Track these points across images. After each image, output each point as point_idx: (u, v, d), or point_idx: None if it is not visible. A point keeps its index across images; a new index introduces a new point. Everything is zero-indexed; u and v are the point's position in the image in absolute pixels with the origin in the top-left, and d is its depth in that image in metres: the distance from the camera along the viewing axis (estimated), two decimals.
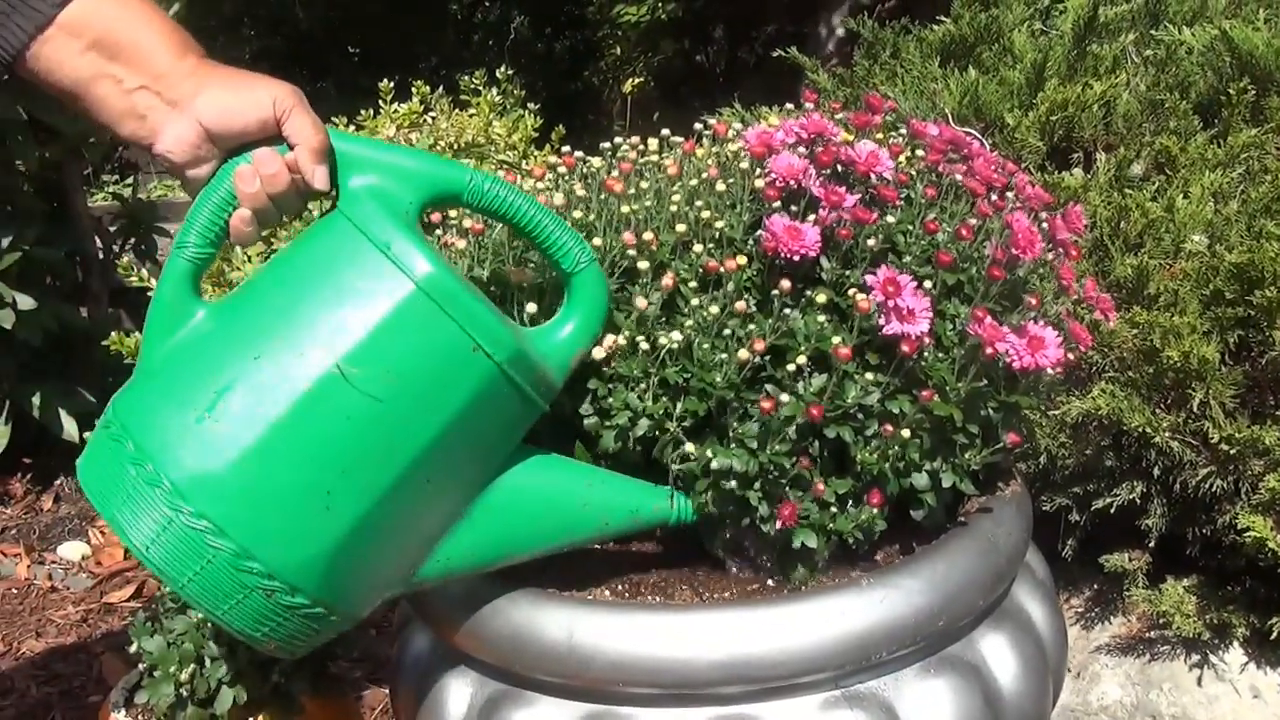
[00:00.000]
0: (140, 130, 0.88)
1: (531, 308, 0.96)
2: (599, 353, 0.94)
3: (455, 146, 2.29)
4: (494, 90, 2.54)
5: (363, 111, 2.41)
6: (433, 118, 2.41)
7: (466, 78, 2.60)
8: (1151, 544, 1.35)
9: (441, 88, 2.55)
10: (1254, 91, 1.53)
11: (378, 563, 0.90)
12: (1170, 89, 1.62)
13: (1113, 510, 1.33)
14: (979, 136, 1.31)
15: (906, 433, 0.95)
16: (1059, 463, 1.36)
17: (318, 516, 0.85)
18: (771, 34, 4.29)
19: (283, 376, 0.84)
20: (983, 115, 1.63)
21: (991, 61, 1.75)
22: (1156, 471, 1.30)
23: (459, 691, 1.00)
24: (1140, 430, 1.26)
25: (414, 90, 2.46)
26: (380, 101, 2.42)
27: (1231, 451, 1.24)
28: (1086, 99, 1.58)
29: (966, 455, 0.99)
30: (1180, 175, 1.48)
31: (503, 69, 2.63)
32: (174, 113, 0.87)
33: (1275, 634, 1.26)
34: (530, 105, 2.57)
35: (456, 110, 2.48)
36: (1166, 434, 1.26)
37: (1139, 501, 1.33)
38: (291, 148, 0.89)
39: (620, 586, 1.02)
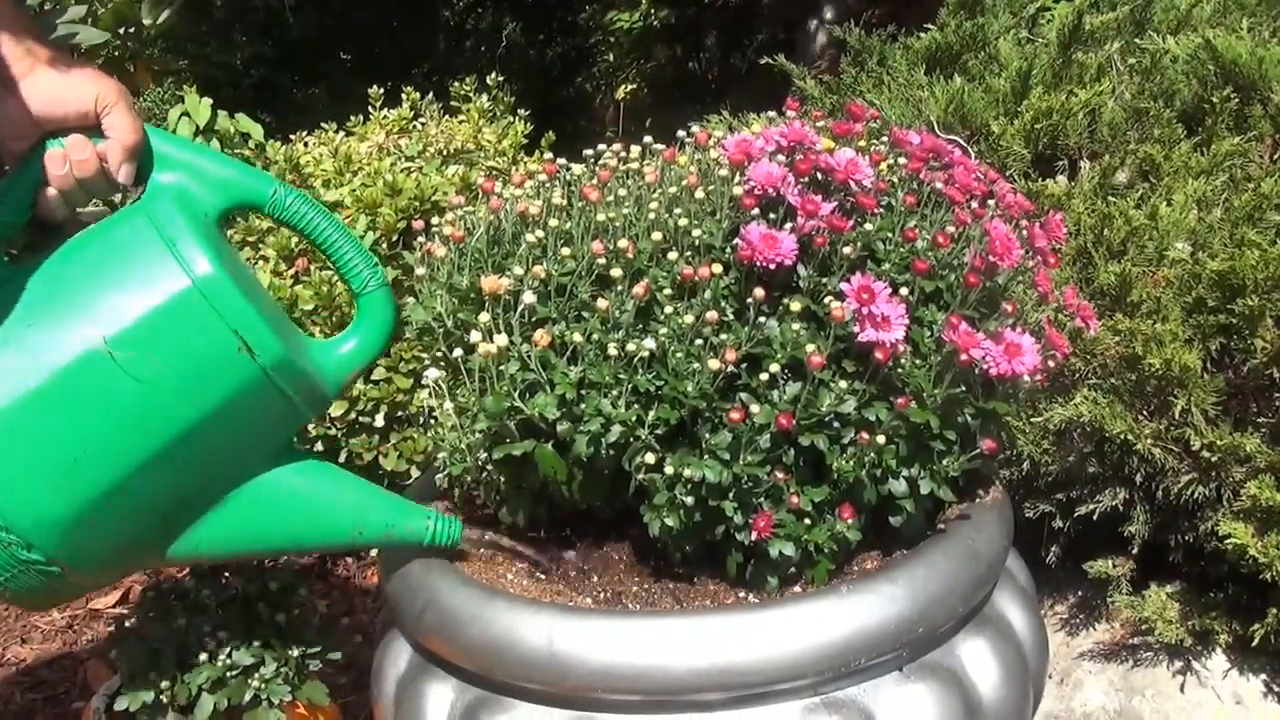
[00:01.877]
0: None
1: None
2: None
3: (445, 152, 2.29)
4: (484, 97, 2.55)
5: (353, 117, 2.41)
6: (422, 124, 2.41)
7: (457, 84, 2.60)
8: (1134, 551, 1.35)
9: (432, 94, 2.55)
10: (1237, 100, 1.53)
11: (120, 534, 0.96)
12: (1154, 97, 1.62)
13: (1095, 517, 1.33)
14: (964, 145, 1.32)
15: (882, 440, 0.95)
16: (1042, 469, 1.36)
17: (62, 481, 0.91)
18: (763, 41, 4.30)
19: (51, 344, 0.91)
20: (968, 123, 1.63)
21: (977, 69, 1.76)
22: (1139, 478, 1.30)
23: (438, 698, 1.00)
24: (1122, 437, 1.27)
25: (404, 96, 2.47)
26: (370, 107, 2.43)
27: (1213, 459, 1.24)
28: (1071, 107, 1.58)
29: (944, 462, 0.99)
30: (1164, 183, 1.48)
31: (493, 75, 2.63)
32: (2, 93, 0.93)
33: (1257, 640, 1.26)
34: (520, 111, 2.57)
35: (446, 116, 2.48)
36: (1149, 441, 1.26)
37: (1122, 508, 1.33)
38: (104, 138, 0.95)
39: (601, 594, 1.02)
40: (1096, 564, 1.36)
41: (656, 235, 1.00)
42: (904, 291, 0.97)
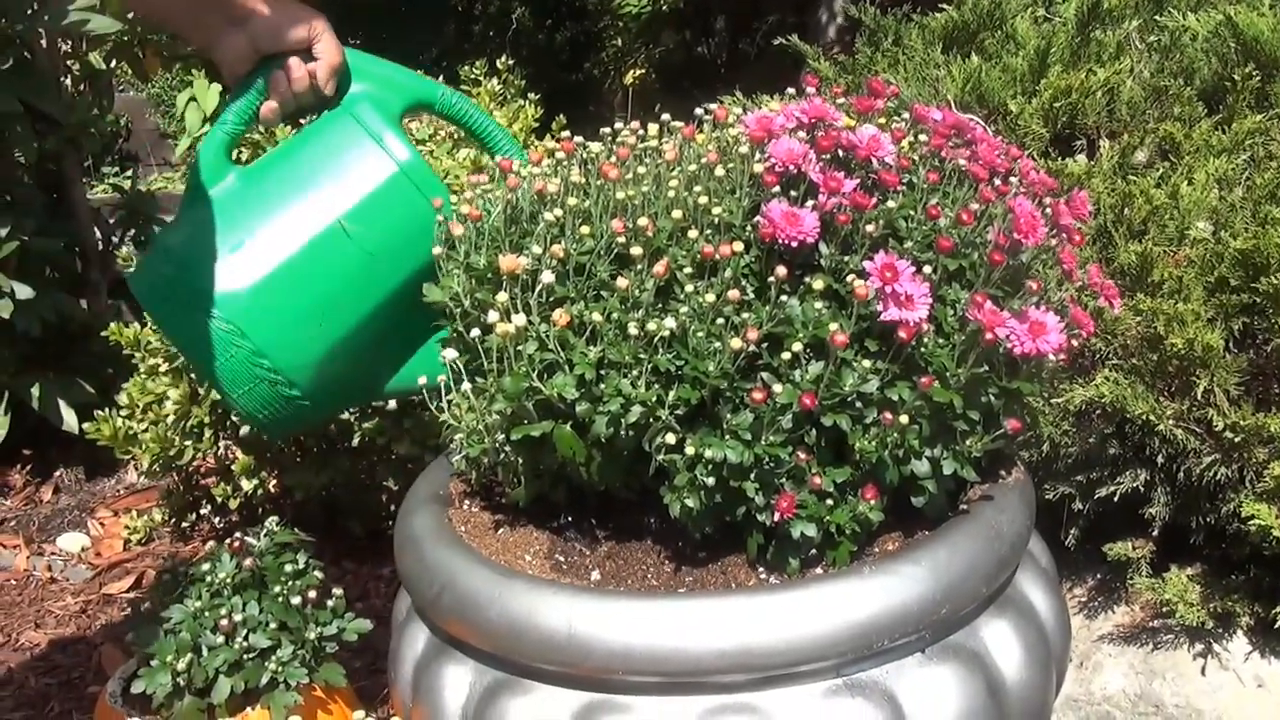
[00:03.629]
0: (203, 39, 1.19)
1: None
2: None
3: (455, 136, 2.28)
4: (494, 80, 2.53)
5: None
6: None
7: (467, 68, 2.59)
8: (1155, 533, 1.34)
9: (441, 78, 2.54)
10: (1259, 77, 1.51)
11: (352, 372, 1.17)
12: (1174, 75, 1.61)
13: (1116, 499, 1.32)
14: (982, 124, 1.30)
15: (905, 420, 0.94)
16: (1062, 451, 1.34)
17: (313, 332, 1.13)
18: (772, 24, 4.27)
19: (297, 225, 1.13)
20: (985, 102, 1.62)
21: (994, 48, 1.74)
22: (1160, 460, 1.29)
23: (457, 680, 0.99)
24: (1144, 418, 1.25)
25: None
26: None
27: (1236, 439, 1.22)
28: (1090, 86, 1.56)
29: (968, 442, 0.98)
30: (1184, 162, 1.47)
31: (503, 59, 2.61)
32: (231, 28, 1.16)
33: (1279, 623, 1.25)
34: (531, 95, 2.56)
35: None
36: (1170, 422, 1.25)
37: (1142, 490, 1.32)
38: (314, 60, 1.17)
39: (621, 576, 1.01)
40: (1116, 546, 1.35)
41: (676, 213, 0.99)
42: (927, 270, 0.96)
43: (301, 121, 1.38)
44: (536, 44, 4.80)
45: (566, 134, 1.12)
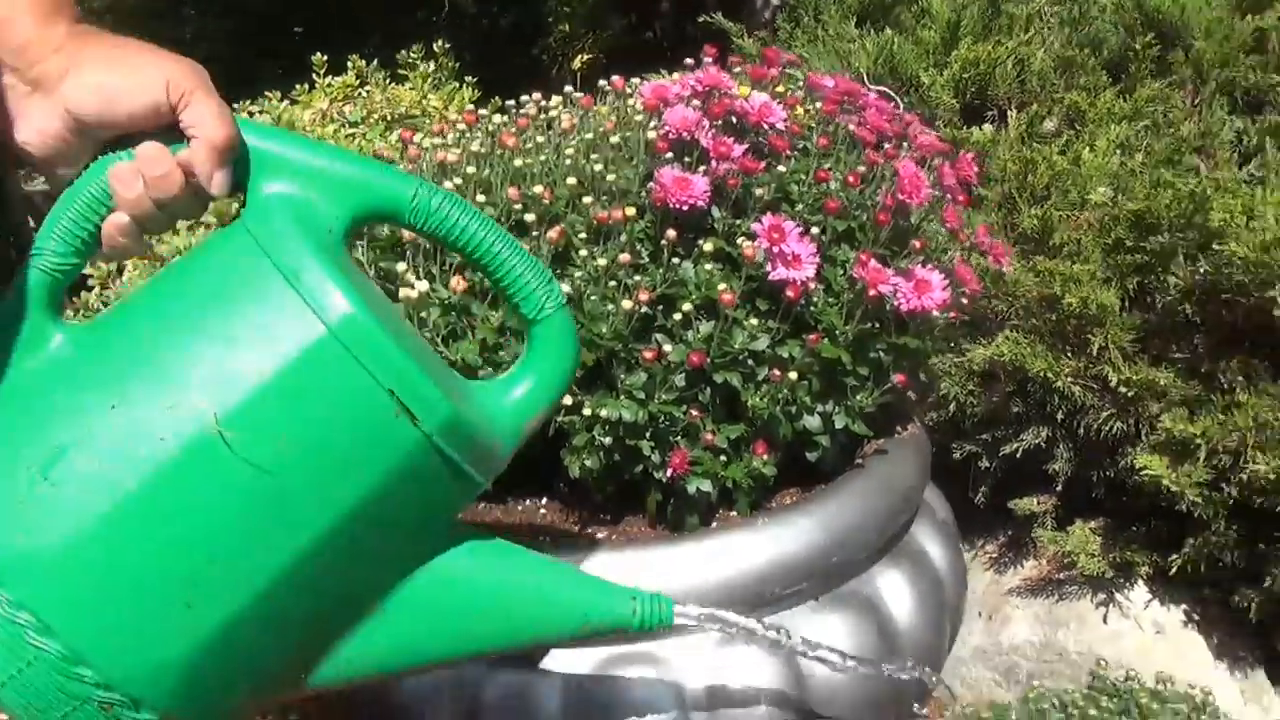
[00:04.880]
0: None
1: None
2: None
3: (389, 118, 2.29)
4: (430, 63, 2.54)
5: (298, 86, 2.40)
6: (367, 91, 2.41)
7: (404, 51, 2.60)
8: (1059, 488, 1.38)
9: (377, 60, 2.54)
10: (1159, 46, 1.56)
11: (253, 669, 0.72)
12: (1082, 46, 1.65)
13: (1018, 455, 1.37)
14: (893, 95, 1.34)
15: (795, 376, 0.97)
16: (968, 411, 1.39)
17: (174, 614, 0.67)
18: (712, 5, 4.29)
19: (144, 433, 0.66)
20: (898, 74, 1.65)
21: (909, 22, 1.77)
22: (1060, 416, 1.33)
23: None
24: (1042, 376, 1.29)
25: (350, 64, 2.46)
26: (315, 74, 2.42)
27: (1130, 394, 1.27)
28: (999, 57, 1.60)
29: (858, 397, 1.01)
30: (1088, 129, 1.51)
31: (439, 42, 2.62)
32: (35, 96, 0.69)
33: (1175, 570, 1.30)
34: (468, 79, 2.57)
35: (392, 84, 2.48)
36: (1068, 379, 1.29)
37: (1044, 446, 1.36)
38: (188, 142, 0.70)
39: (515, 535, 1.04)
40: (1022, 502, 1.40)
41: (572, 180, 1.01)
42: (815, 231, 0.99)
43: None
44: (480, 28, 4.80)
45: (471, 106, 1.14)
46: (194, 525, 0.67)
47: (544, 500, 1.08)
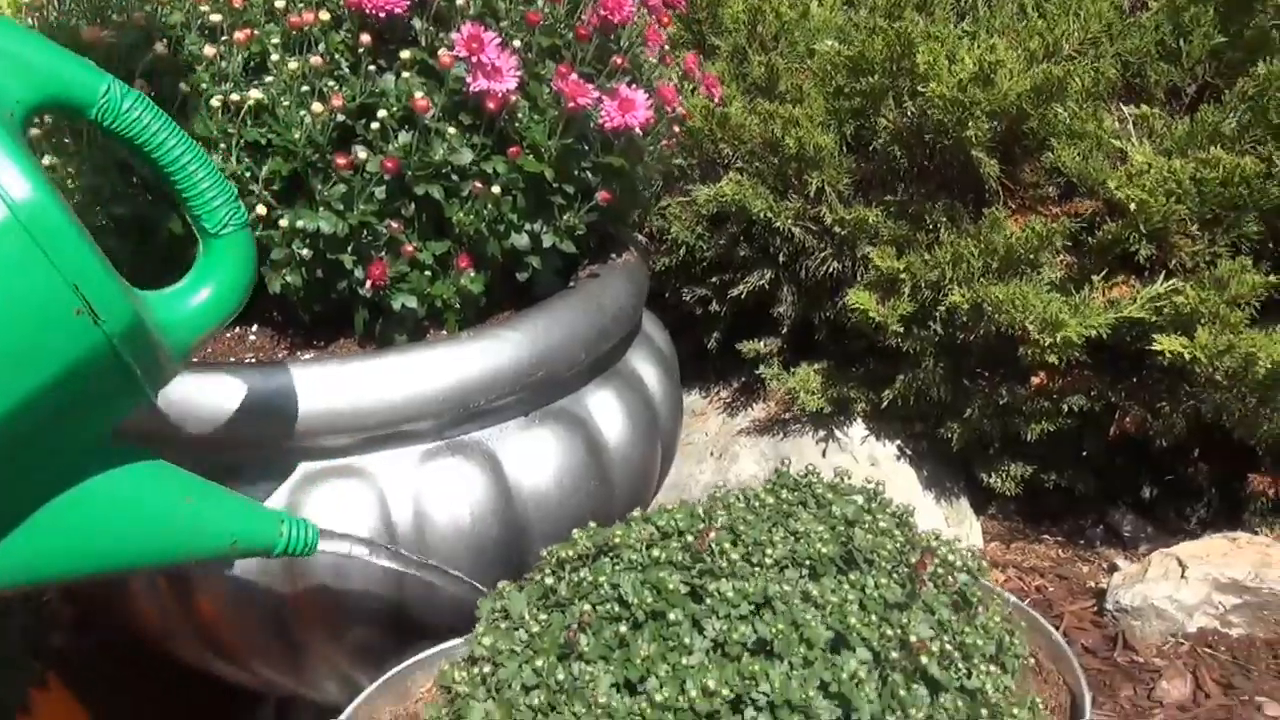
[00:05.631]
0: None
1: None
2: None
3: None
4: None
5: None
6: None
7: None
8: (785, 330, 1.44)
9: None
10: None
11: None
12: None
13: (744, 297, 1.41)
14: None
15: (499, 191, 0.97)
16: (698, 255, 1.42)
17: None
18: None
19: None
20: None
21: None
22: (783, 259, 1.38)
23: None
24: (765, 217, 1.33)
25: None
26: None
27: (844, 234, 1.32)
28: None
29: (565, 217, 1.02)
30: None
31: None
32: None
33: (887, 404, 1.38)
34: None
35: None
36: (789, 220, 1.34)
37: (769, 289, 1.41)
38: None
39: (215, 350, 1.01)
40: (749, 344, 1.45)
41: None
42: (517, 44, 0.98)
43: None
44: None
45: None
46: None
47: (255, 327, 1.05)
